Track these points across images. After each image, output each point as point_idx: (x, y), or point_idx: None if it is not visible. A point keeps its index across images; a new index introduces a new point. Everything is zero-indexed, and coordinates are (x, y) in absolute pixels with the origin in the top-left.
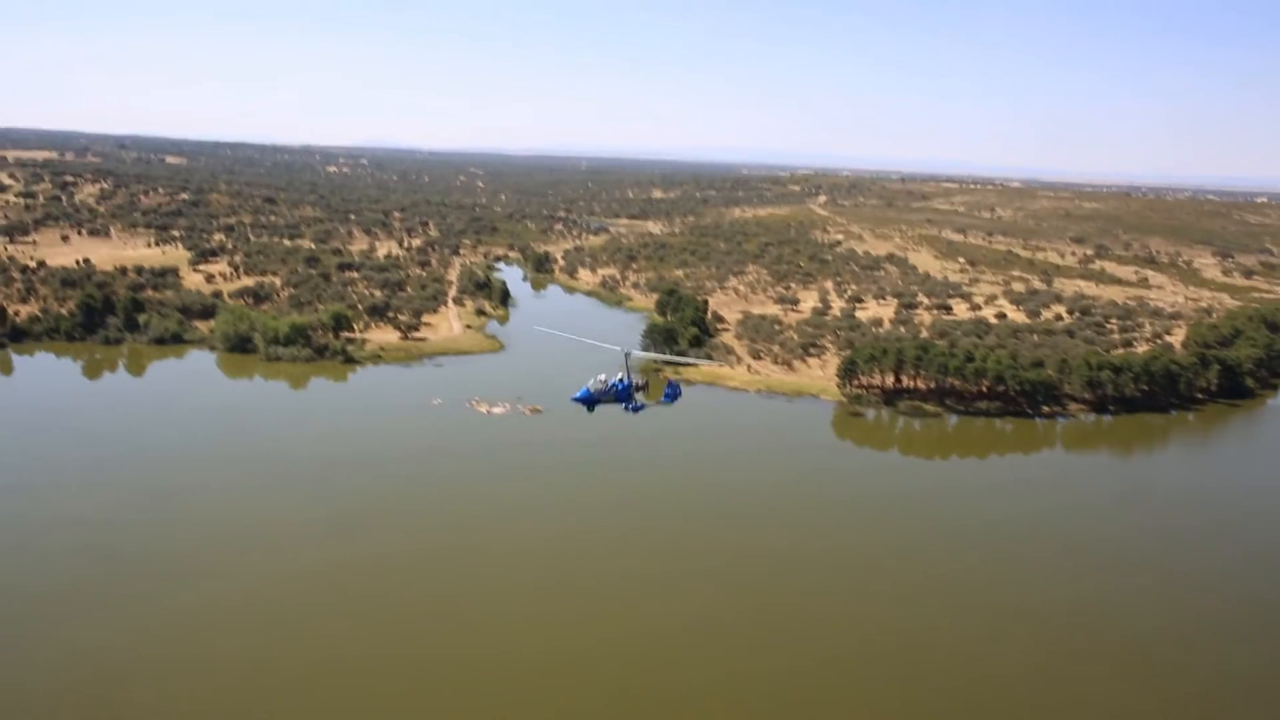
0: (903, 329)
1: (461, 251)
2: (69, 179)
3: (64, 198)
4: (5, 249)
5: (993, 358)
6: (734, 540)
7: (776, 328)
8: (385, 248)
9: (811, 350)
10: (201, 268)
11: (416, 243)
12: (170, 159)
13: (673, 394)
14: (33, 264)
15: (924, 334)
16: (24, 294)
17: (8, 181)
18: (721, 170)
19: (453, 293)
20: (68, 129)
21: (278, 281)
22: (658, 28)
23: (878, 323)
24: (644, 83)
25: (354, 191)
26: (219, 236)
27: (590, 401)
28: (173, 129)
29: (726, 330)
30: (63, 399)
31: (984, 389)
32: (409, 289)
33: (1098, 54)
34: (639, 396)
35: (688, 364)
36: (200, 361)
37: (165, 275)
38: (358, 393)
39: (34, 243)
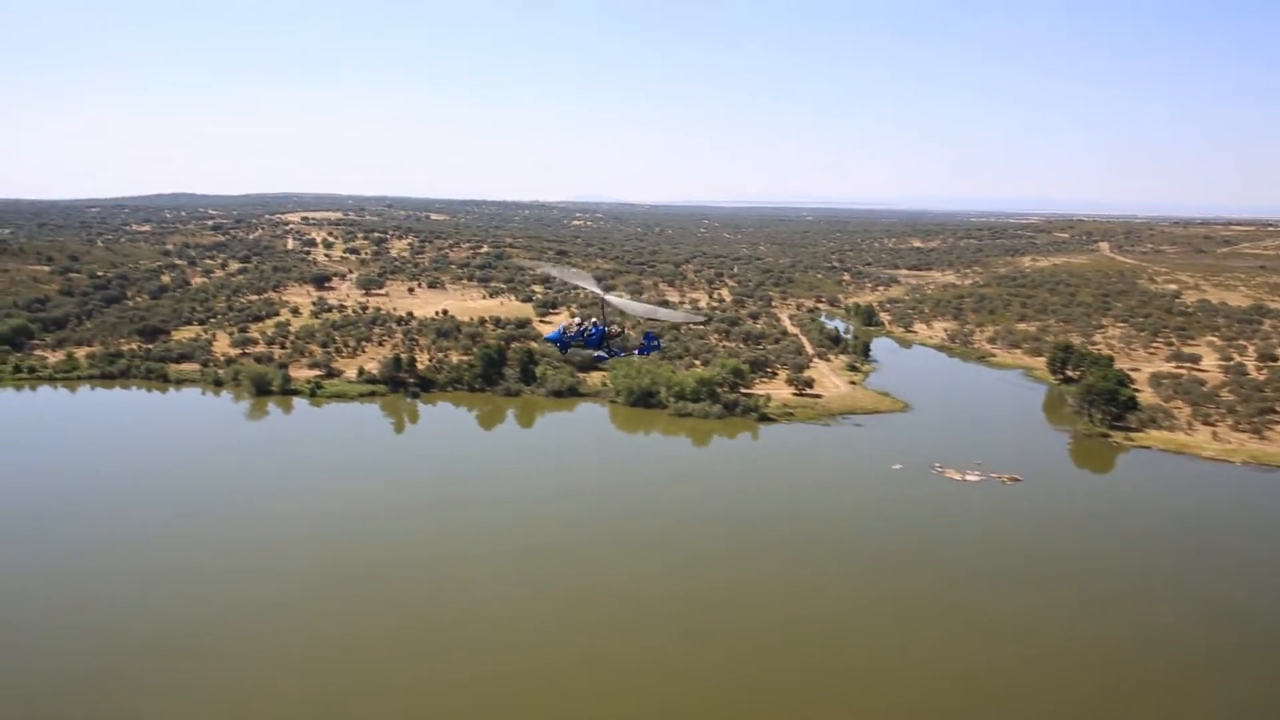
0: None
1: (774, 304)
2: (379, 235)
3: (382, 253)
4: (367, 300)
5: None
6: None
7: (1202, 388)
8: (698, 300)
9: (1271, 415)
10: (548, 319)
11: (724, 295)
12: (434, 216)
13: (649, 344)
14: (402, 315)
15: None
16: (411, 344)
17: (330, 239)
18: (941, 219)
19: (811, 348)
20: (318, 192)
21: (631, 334)
22: (833, 80)
23: None
24: (823, 133)
25: (626, 244)
26: (538, 289)
27: (562, 344)
28: (398, 189)
29: (1137, 390)
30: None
31: None
32: (765, 344)
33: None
34: (614, 344)
35: (686, 322)
36: (599, 415)
37: (524, 326)
38: (799, 455)
39: (387, 294)
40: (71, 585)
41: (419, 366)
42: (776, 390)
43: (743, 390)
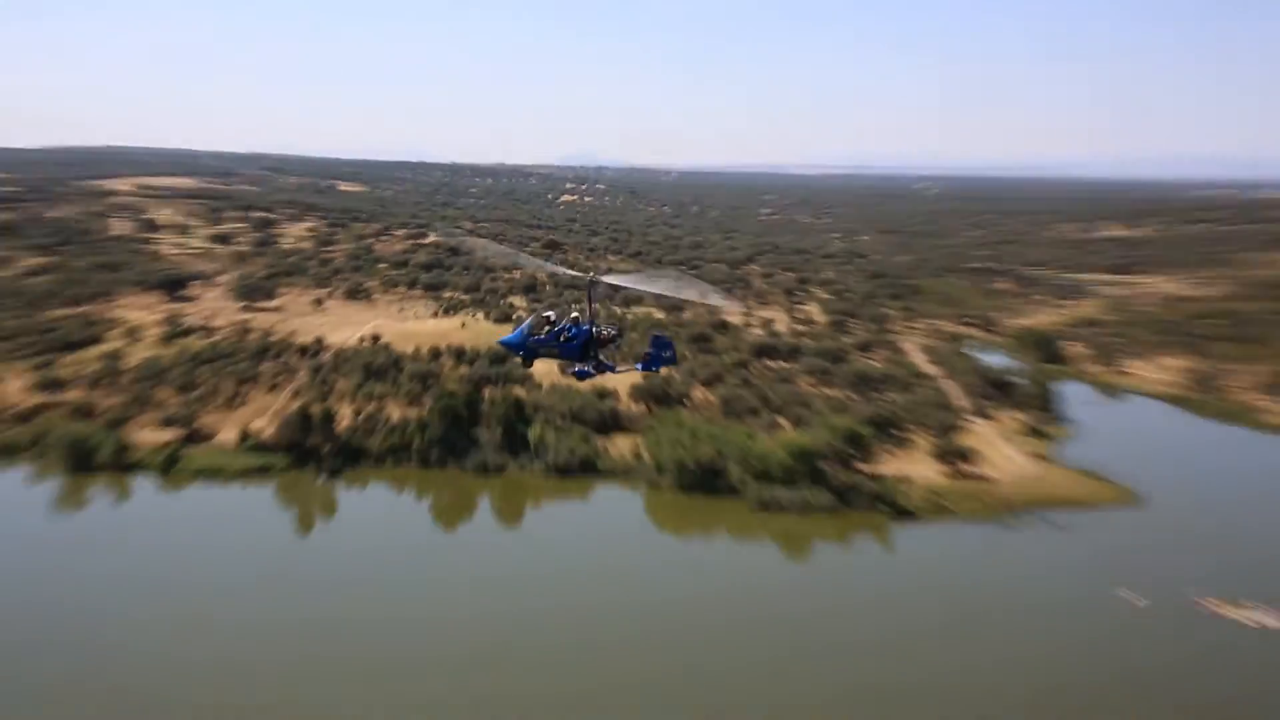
0: None
1: (893, 327)
2: (261, 215)
3: (269, 243)
4: (252, 318)
5: None
6: None
7: None
8: (773, 318)
9: None
10: None
11: (812, 310)
12: (345, 186)
13: (660, 354)
14: (307, 342)
15: None
16: (323, 390)
17: (187, 221)
18: (1146, 191)
19: (963, 398)
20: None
21: (673, 374)
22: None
23: None
24: (945, 70)
25: (651, 231)
26: (518, 301)
27: (524, 349)
28: (285, 143)
29: None
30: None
31: None
32: (888, 391)
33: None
34: (604, 354)
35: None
36: (630, 507)
37: (503, 361)
38: (962, 577)
39: (280, 309)
40: None
41: (339, 426)
42: (915, 466)
43: (861, 467)
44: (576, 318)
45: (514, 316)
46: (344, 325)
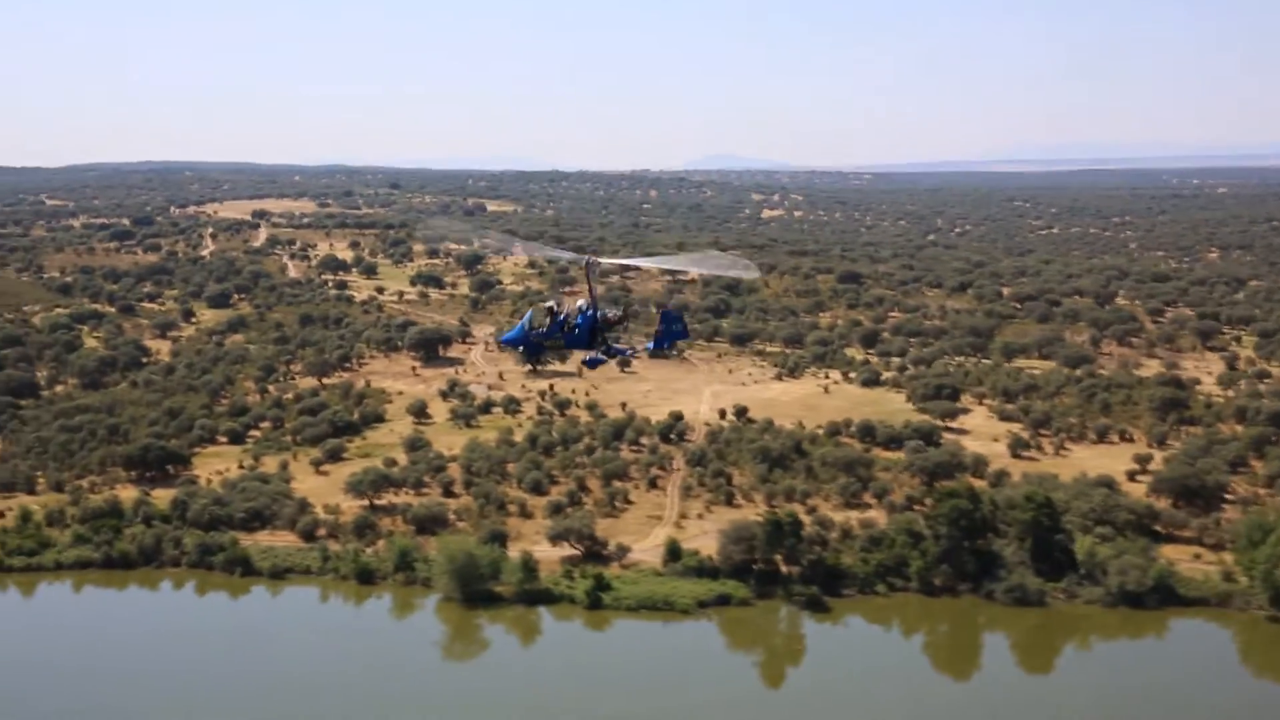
0: None
1: None
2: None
3: (490, 286)
4: (553, 385)
5: None
6: None
7: None
8: (1210, 370)
9: None
10: (953, 424)
11: (1253, 357)
12: (493, 205)
13: (669, 328)
14: (660, 419)
15: None
16: (719, 485)
17: (365, 257)
18: None
19: None
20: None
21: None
22: None
23: None
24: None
25: (942, 257)
26: (874, 359)
27: (526, 345)
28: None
29: None
30: None
31: None
32: None
33: None
34: (613, 339)
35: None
36: (1222, 647)
37: (930, 441)
38: None
39: (579, 373)
40: None
41: (803, 537)
42: None
43: None
44: (584, 305)
45: (880, 378)
46: (674, 394)
